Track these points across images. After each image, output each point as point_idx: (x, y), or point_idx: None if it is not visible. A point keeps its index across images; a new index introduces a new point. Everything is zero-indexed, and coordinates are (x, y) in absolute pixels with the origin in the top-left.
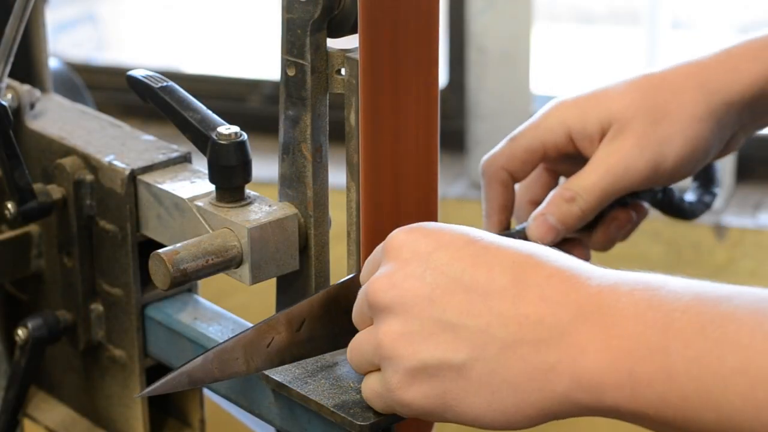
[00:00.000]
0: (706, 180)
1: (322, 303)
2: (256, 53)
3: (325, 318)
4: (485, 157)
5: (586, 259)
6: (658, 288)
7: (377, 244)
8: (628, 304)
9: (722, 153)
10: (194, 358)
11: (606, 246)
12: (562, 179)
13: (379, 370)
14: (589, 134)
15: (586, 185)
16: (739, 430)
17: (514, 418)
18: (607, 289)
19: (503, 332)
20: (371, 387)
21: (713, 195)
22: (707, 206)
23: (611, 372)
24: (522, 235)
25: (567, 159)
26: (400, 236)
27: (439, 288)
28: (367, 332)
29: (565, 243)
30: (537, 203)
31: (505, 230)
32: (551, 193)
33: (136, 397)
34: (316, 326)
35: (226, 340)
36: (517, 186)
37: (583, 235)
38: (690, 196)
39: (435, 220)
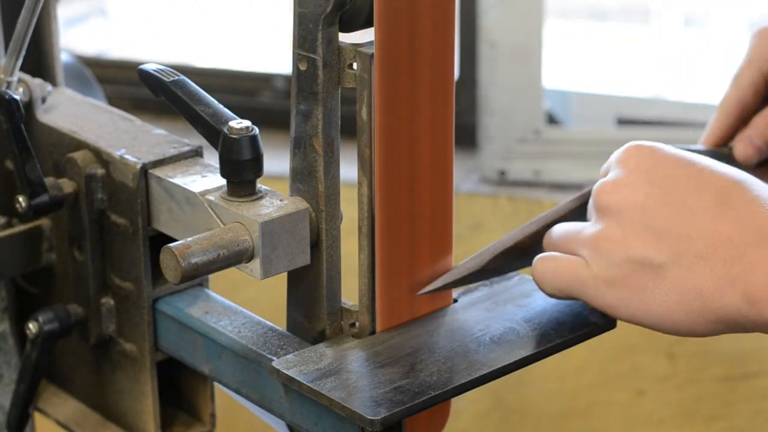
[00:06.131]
0: None
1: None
2: (267, 47)
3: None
4: (719, 101)
5: None
6: None
7: (392, 238)
8: None
9: None
10: (467, 264)
11: None
12: None
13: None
14: None
15: None
16: None
17: (696, 321)
18: None
19: (700, 243)
20: (565, 267)
21: None
22: None
23: None
24: (728, 152)
25: None
26: (631, 149)
27: (652, 198)
28: (585, 226)
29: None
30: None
31: (715, 147)
32: (756, 117)
33: (420, 293)
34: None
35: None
36: None
37: None
38: None
39: (450, 214)
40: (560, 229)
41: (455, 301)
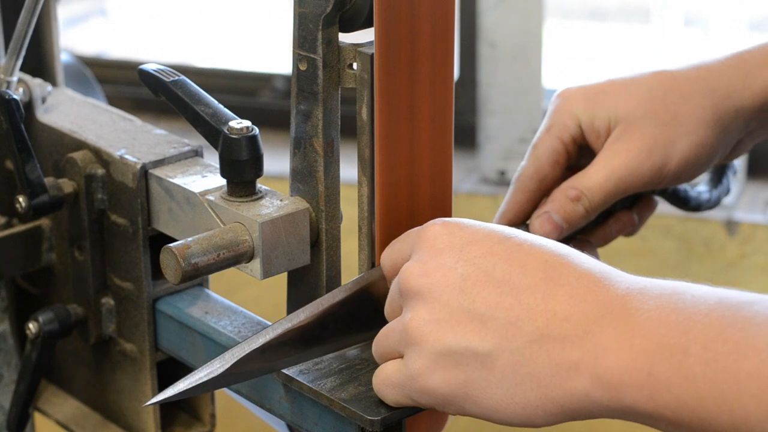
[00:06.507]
0: (716, 178)
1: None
2: (267, 47)
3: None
4: (516, 174)
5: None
6: (683, 292)
7: (393, 238)
8: (653, 307)
9: (728, 157)
10: (208, 368)
11: (601, 244)
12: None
13: (399, 358)
14: (596, 129)
15: (592, 185)
16: None
17: (534, 412)
18: (635, 292)
19: (531, 326)
20: (387, 376)
21: (720, 193)
22: (713, 203)
23: (631, 371)
24: (525, 230)
25: (581, 151)
26: (436, 227)
27: (470, 279)
28: (396, 321)
29: (568, 241)
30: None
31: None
32: (555, 191)
33: (146, 405)
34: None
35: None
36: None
37: (584, 232)
38: (701, 188)
39: (450, 214)
40: (380, 335)
41: None
